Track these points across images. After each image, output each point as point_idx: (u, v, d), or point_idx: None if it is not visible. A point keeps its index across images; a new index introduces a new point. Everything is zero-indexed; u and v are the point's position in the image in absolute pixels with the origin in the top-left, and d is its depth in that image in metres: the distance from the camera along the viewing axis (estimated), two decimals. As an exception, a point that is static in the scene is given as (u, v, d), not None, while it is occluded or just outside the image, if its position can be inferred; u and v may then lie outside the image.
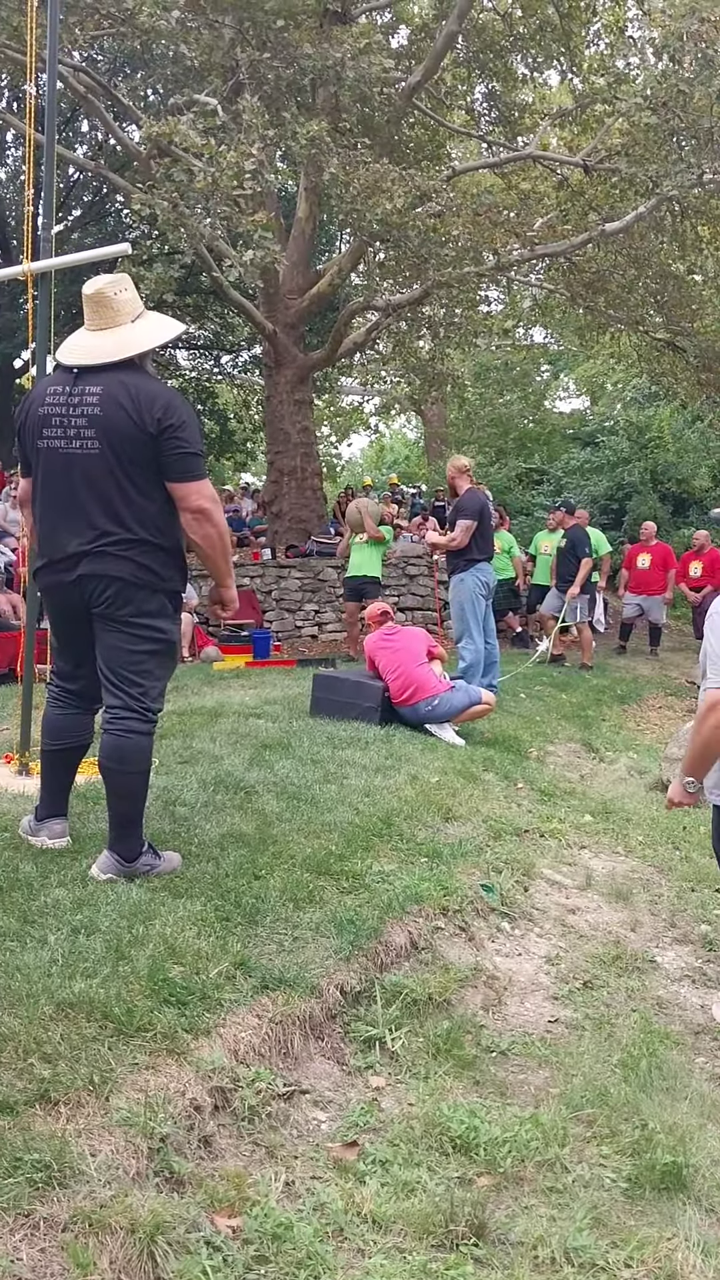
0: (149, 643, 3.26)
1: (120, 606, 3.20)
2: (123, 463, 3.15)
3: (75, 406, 3.18)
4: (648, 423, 19.46)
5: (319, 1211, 2.19)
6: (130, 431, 3.14)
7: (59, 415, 3.19)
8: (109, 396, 3.16)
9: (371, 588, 10.51)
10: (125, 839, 3.30)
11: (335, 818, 4.20)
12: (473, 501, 7.74)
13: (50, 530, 3.25)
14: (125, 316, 3.31)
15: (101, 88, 11.18)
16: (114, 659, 3.25)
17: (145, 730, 3.29)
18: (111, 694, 3.27)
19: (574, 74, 13.77)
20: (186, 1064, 2.41)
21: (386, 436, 37.25)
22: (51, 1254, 1.81)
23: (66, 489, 3.20)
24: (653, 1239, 2.15)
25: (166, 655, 3.37)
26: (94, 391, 3.17)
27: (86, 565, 3.17)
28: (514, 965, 3.63)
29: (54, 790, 3.56)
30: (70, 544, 3.19)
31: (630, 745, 7.60)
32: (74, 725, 3.50)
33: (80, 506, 3.18)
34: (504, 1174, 2.37)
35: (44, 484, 3.24)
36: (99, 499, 3.17)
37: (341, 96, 10.18)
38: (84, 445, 3.16)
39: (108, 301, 3.29)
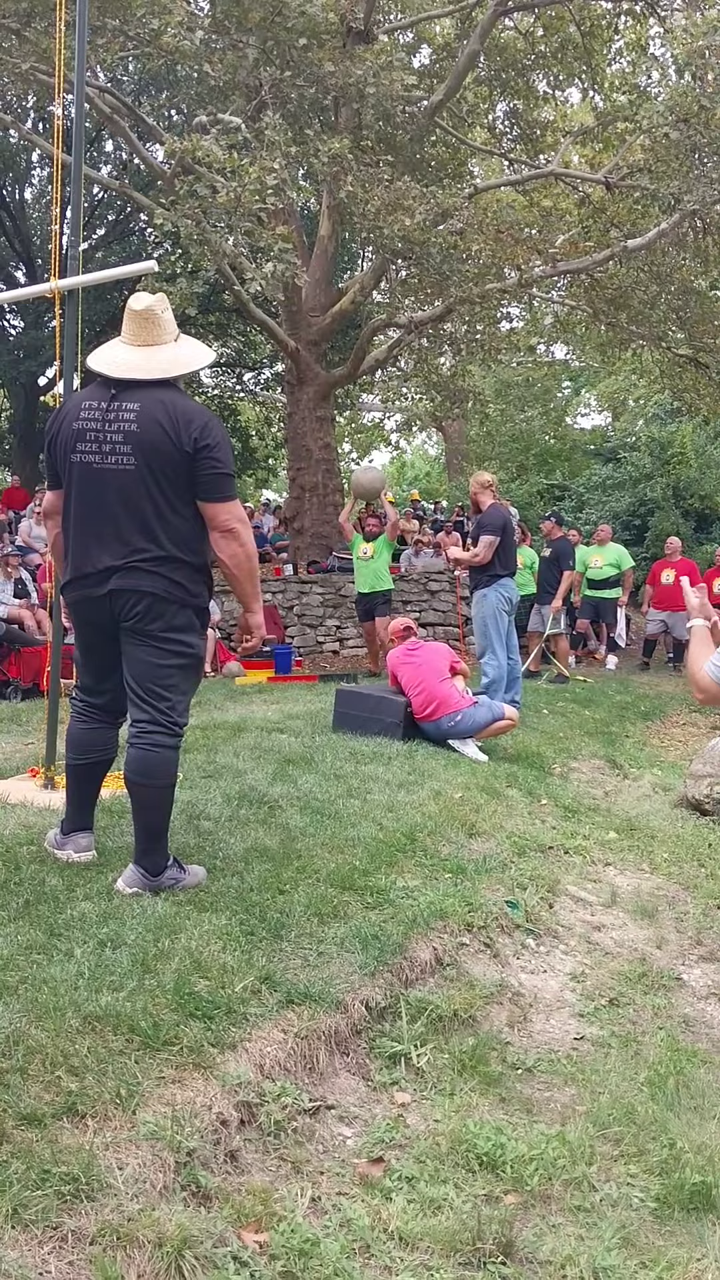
0: (177, 657, 3.28)
1: (150, 621, 3.22)
2: (158, 480, 3.18)
3: (111, 422, 3.20)
4: (670, 439, 19.41)
5: (345, 1228, 2.18)
6: (167, 449, 3.16)
7: (94, 430, 3.21)
8: (146, 414, 3.19)
9: (383, 605, 10.48)
10: (151, 853, 3.31)
11: (359, 833, 4.19)
12: (496, 517, 7.73)
13: (82, 545, 3.25)
14: (169, 335, 3.37)
15: (126, 108, 11.33)
16: (142, 673, 3.26)
17: (171, 744, 3.31)
18: (138, 708, 3.28)
19: (595, 91, 13.83)
20: (212, 1078, 2.41)
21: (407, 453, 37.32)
22: (79, 1267, 1.81)
23: (99, 504, 3.21)
24: (682, 1259, 2.13)
25: (193, 670, 3.39)
26: (131, 408, 3.20)
27: (118, 580, 3.19)
28: (539, 982, 3.61)
29: (80, 804, 3.57)
30: (102, 559, 3.20)
31: (654, 762, 7.55)
32: (99, 739, 3.51)
33: (113, 522, 3.19)
34: (531, 1192, 2.35)
35: (76, 498, 3.25)
36: (133, 515, 3.19)
37: (364, 114, 10.26)
38: (119, 461, 3.18)
39: (155, 319, 3.33)
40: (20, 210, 19.37)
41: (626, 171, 12.02)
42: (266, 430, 23.64)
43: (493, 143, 14.96)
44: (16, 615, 10.57)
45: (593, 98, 14.18)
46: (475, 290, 10.78)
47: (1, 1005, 2.47)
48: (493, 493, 8.09)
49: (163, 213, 8.76)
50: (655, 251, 12.23)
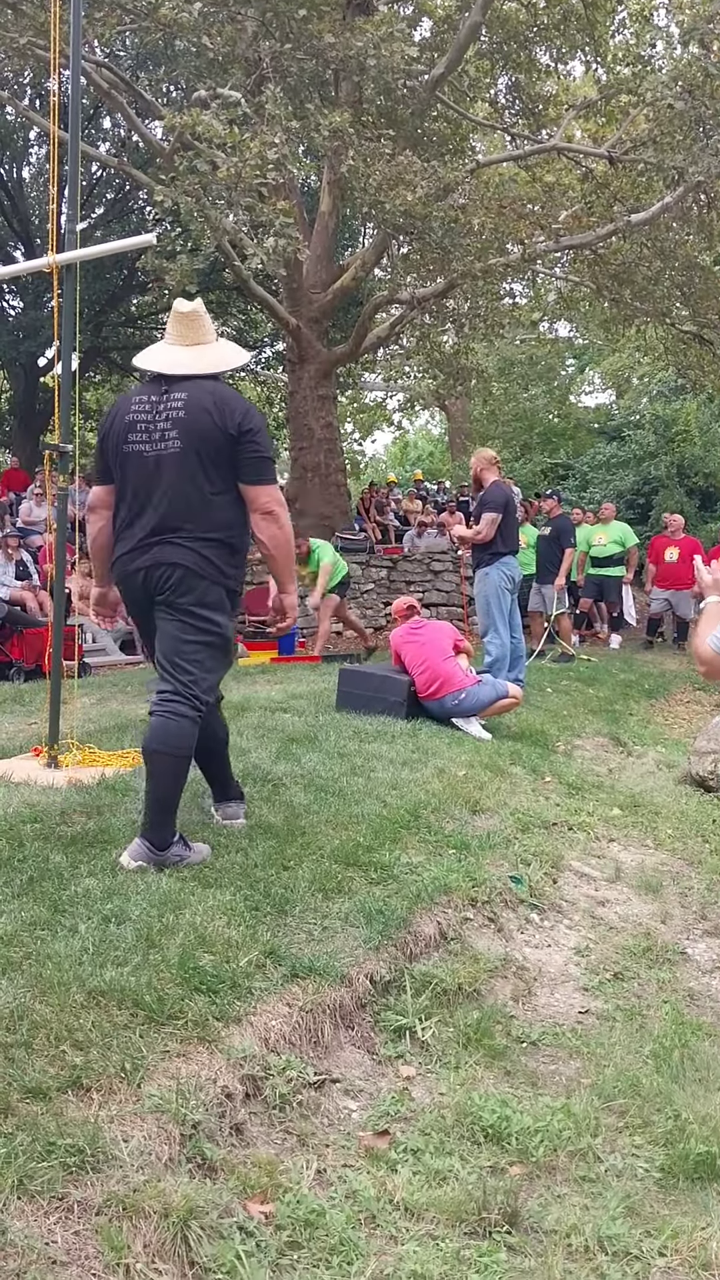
0: (205, 634, 3.39)
1: (182, 595, 3.34)
2: (202, 461, 3.35)
3: (160, 412, 3.39)
4: (674, 416, 19.32)
5: (351, 1199, 2.19)
6: (212, 433, 3.34)
7: (144, 421, 3.41)
8: (193, 401, 3.38)
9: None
10: (159, 826, 3.34)
11: (363, 810, 4.19)
12: (498, 494, 7.69)
13: (128, 526, 3.42)
14: (211, 335, 3.60)
15: (124, 83, 11.21)
16: (170, 646, 3.38)
17: (190, 716, 3.36)
18: (164, 679, 3.40)
19: (598, 64, 13.67)
20: (217, 1052, 2.41)
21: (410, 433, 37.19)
22: (85, 1237, 1.82)
23: (148, 488, 3.38)
24: (687, 1228, 2.14)
25: (221, 650, 3.49)
26: (179, 398, 3.39)
27: (154, 553, 3.34)
28: (543, 956, 3.61)
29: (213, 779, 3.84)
30: (141, 534, 3.37)
31: (658, 739, 7.55)
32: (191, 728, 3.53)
33: (159, 502, 3.36)
34: (536, 1163, 2.36)
35: (129, 485, 3.42)
36: (175, 494, 3.35)
37: (364, 88, 10.15)
38: (167, 445, 3.36)
39: (200, 320, 3.56)
40: (19, 189, 19.22)
41: (630, 145, 11.90)
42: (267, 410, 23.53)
43: (494, 117, 14.80)
44: (19, 597, 10.57)
45: (596, 70, 14.01)
46: (478, 266, 10.69)
47: (6, 981, 2.47)
48: (496, 469, 8.03)
49: (162, 189, 8.68)
50: (659, 226, 12.13)
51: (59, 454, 4.48)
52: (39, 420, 20.35)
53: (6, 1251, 1.71)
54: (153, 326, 22.98)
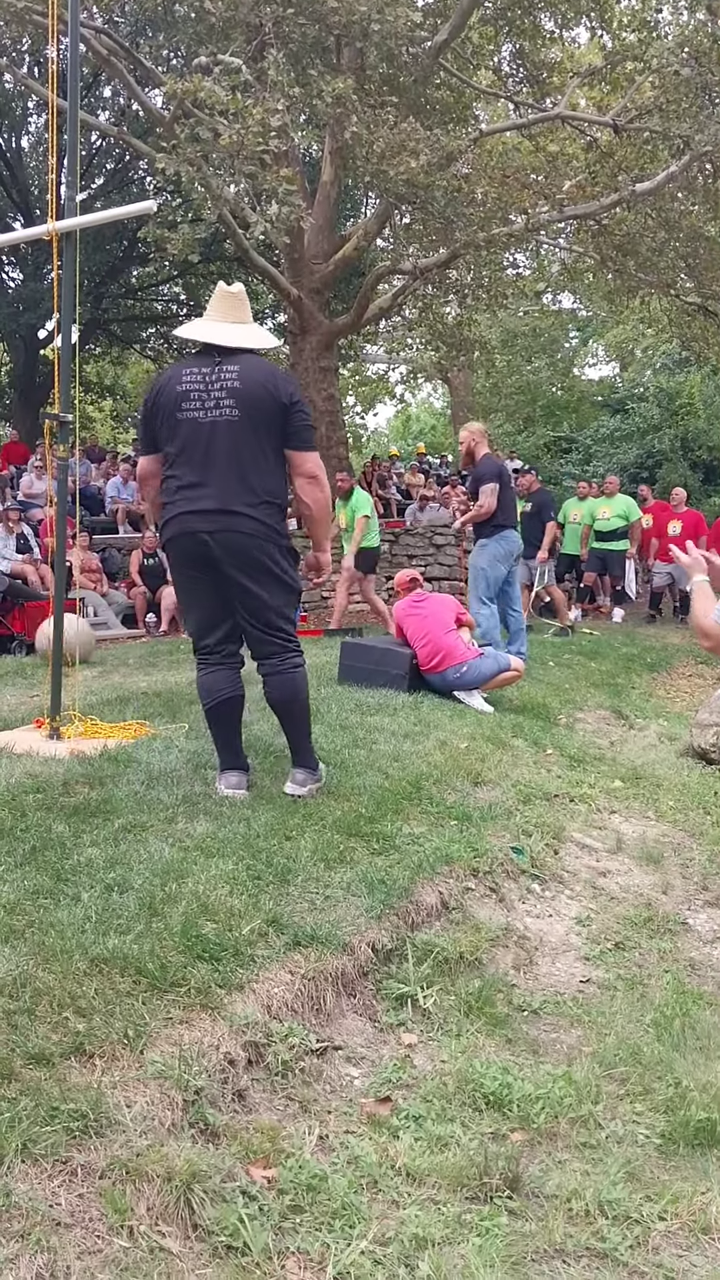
0: (285, 590, 3.71)
1: (258, 560, 3.60)
2: (257, 430, 3.57)
3: (214, 383, 3.57)
4: (678, 389, 19.24)
5: (353, 1164, 2.20)
6: (266, 402, 3.57)
7: (197, 390, 3.57)
8: (247, 373, 3.60)
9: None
10: (307, 753, 3.90)
11: (364, 781, 4.19)
12: (492, 466, 7.65)
13: (191, 488, 3.57)
14: (250, 316, 3.84)
15: (123, 50, 11.06)
16: (257, 609, 3.67)
17: (303, 663, 3.83)
18: (265, 642, 3.72)
19: (604, 30, 13.47)
20: (220, 1019, 2.42)
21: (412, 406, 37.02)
22: (89, 1199, 1.83)
23: (205, 454, 3.56)
24: (687, 1193, 2.15)
25: (295, 597, 3.82)
26: (232, 369, 3.60)
27: (223, 521, 3.54)
28: (545, 926, 3.62)
29: (224, 745, 3.89)
30: (210, 502, 3.54)
31: (660, 712, 7.55)
32: (223, 680, 3.81)
33: (221, 468, 3.55)
34: (537, 1130, 2.37)
35: (185, 450, 3.59)
36: (237, 462, 3.56)
37: (367, 54, 10.01)
38: (224, 414, 3.55)
39: (244, 301, 3.79)
40: (17, 159, 19.03)
41: (635, 113, 11.76)
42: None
43: (498, 85, 14.62)
44: (20, 570, 10.56)
45: (601, 36, 13.82)
46: (481, 236, 10.59)
47: (9, 949, 2.48)
48: (487, 442, 7.99)
49: (164, 157, 8.57)
50: (664, 196, 12.00)
51: (59, 424, 4.45)
52: (39, 393, 20.24)
53: (11, 1213, 1.72)
54: (153, 298, 22.84)
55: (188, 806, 3.64)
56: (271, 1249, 1.91)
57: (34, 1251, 1.68)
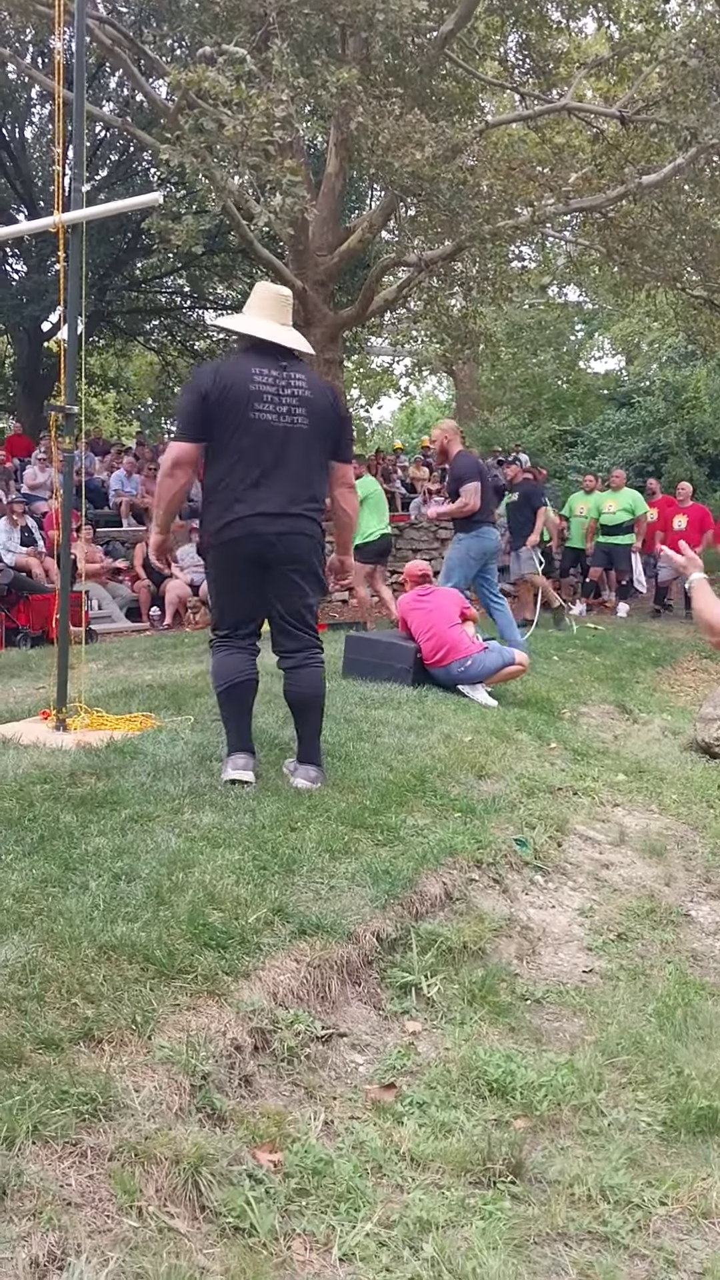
0: (320, 589, 3.96)
1: (307, 561, 3.81)
2: (320, 440, 3.80)
3: (285, 387, 3.72)
4: (684, 383, 19.20)
5: (358, 1149, 2.23)
6: (329, 414, 3.82)
7: (270, 393, 3.69)
8: (314, 384, 3.82)
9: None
10: (318, 751, 4.04)
11: (369, 774, 4.22)
12: (469, 462, 7.72)
13: (256, 489, 3.69)
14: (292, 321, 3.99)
15: (127, 40, 11.05)
16: (296, 605, 3.86)
17: (324, 658, 4.03)
18: (294, 637, 3.89)
19: (611, 20, 13.42)
20: (227, 1005, 2.45)
21: (417, 399, 36.98)
22: (99, 1181, 1.86)
23: (277, 458, 3.71)
24: (688, 1179, 2.18)
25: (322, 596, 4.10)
26: (300, 378, 3.78)
27: (291, 524, 3.73)
28: (548, 917, 3.65)
29: (235, 728, 3.95)
30: (280, 504, 3.70)
31: (664, 707, 7.56)
32: (244, 662, 3.92)
33: (289, 473, 3.72)
34: (540, 1117, 2.40)
35: (253, 450, 3.69)
36: (303, 468, 3.76)
37: (373, 44, 9.99)
38: (295, 421, 3.72)
39: (290, 306, 3.96)
40: (21, 150, 19.00)
41: (642, 105, 11.71)
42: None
43: (504, 76, 14.57)
44: (24, 563, 10.59)
45: (608, 27, 13.77)
46: (486, 228, 10.57)
47: (19, 936, 2.51)
48: (460, 439, 8.03)
49: (168, 148, 8.57)
50: (670, 189, 11.96)
51: (65, 416, 4.47)
52: (43, 385, 20.23)
53: (23, 1192, 1.76)
54: (157, 290, 22.81)
55: (194, 797, 3.67)
56: (278, 1230, 1.94)
57: (45, 1230, 1.71)
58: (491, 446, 20.22)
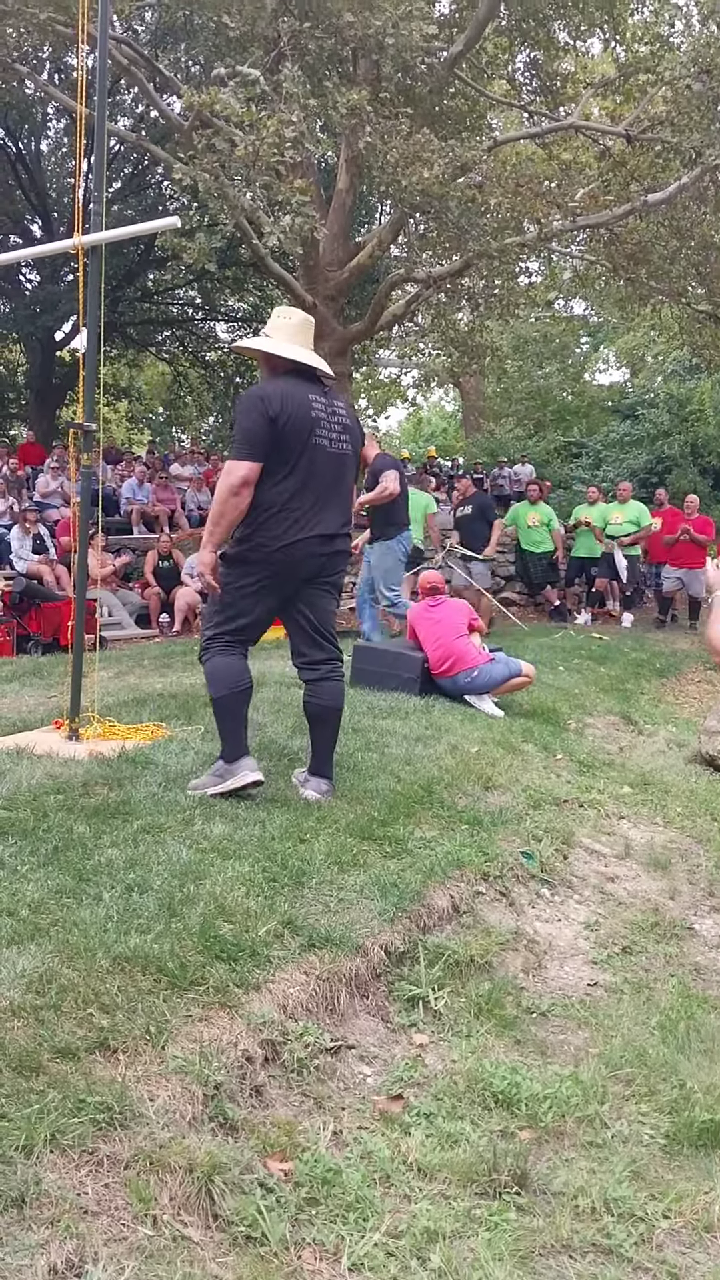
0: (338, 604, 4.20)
1: (340, 577, 4.07)
2: (353, 463, 4.02)
3: (332, 415, 3.92)
4: (689, 395, 19.27)
5: (366, 1159, 2.27)
6: (359, 441, 4.08)
7: (324, 419, 3.89)
8: (348, 412, 4.03)
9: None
10: (331, 764, 4.14)
11: (377, 785, 4.26)
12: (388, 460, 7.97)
13: (317, 512, 3.87)
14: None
15: (143, 59, 11.17)
16: (325, 619, 4.05)
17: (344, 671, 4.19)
18: (321, 648, 4.04)
19: (617, 42, 13.54)
20: (238, 1017, 2.49)
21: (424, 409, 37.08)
22: (115, 1189, 1.90)
23: (330, 481, 3.91)
24: (691, 1192, 2.21)
25: None
26: (340, 405, 4.00)
27: (340, 544, 3.97)
28: (553, 930, 3.69)
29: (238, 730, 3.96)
30: (333, 524, 3.91)
31: (669, 718, 7.60)
32: (244, 668, 3.97)
33: (340, 495, 3.95)
34: (545, 1128, 2.43)
35: (312, 474, 3.85)
36: (347, 490, 3.99)
37: (383, 66, 10.09)
38: (341, 447, 3.94)
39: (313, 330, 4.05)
40: (36, 163, 19.17)
41: (647, 124, 11.81)
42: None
43: (512, 95, 14.68)
44: (36, 570, 10.66)
45: (614, 48, 13.88)
46: (494, 244, 10.65)
47: (34, 946, 2.56)
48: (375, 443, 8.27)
49: (181, 167, 8.68)
50: (675, 206, 12.05)
51: (83, 433, 4.53)
52: (55, 395, 20.37)
53: (42, 1201, 1.80)
54: (169, 303, 22.96)
55: (204, 808, 3.72)
56: (288, 1239, 1.98)
57: (63, 1238, 1.75)
58: (497, 457, 20.30)
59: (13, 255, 5.59)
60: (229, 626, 3.94)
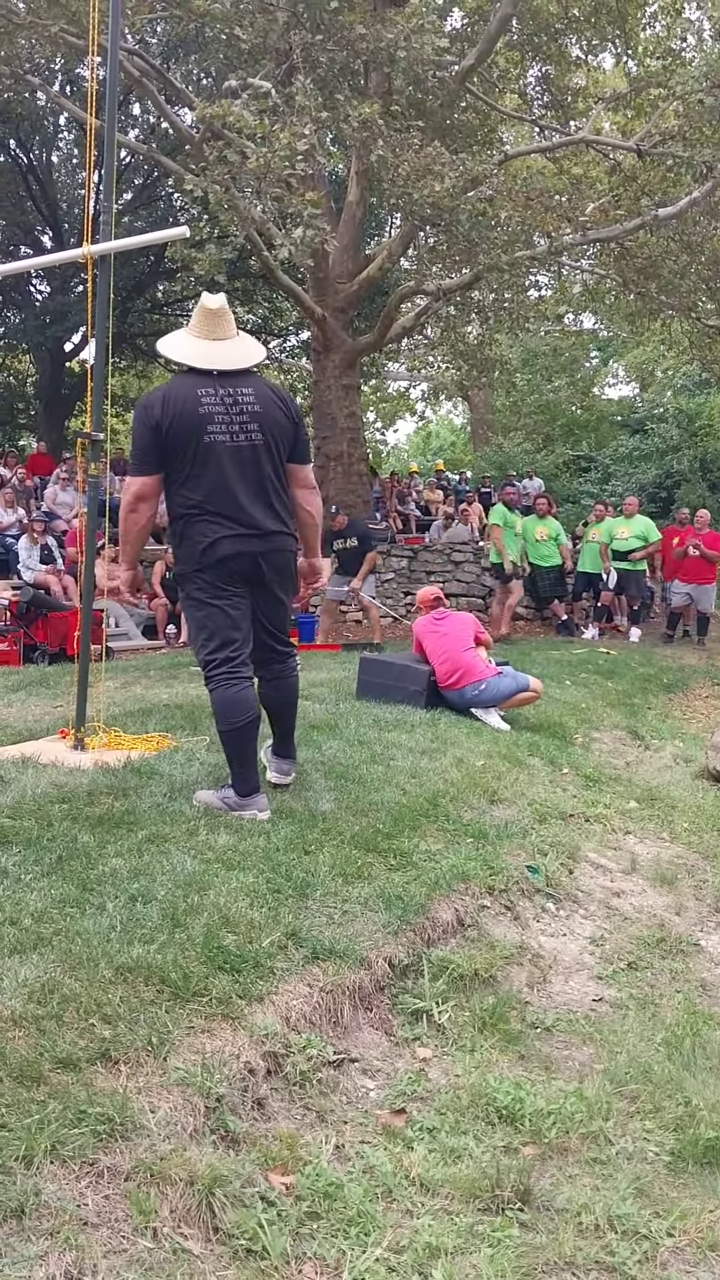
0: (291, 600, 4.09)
1: (288, 574, 3.93)
2: (275, 450, 3.79)
3: (234, 406, 3.71)
4: (698, 410, 19.28)
5: (368, 1174, 2.25)
6: (283, 423, 3.81)
7: (220, 413, 3.69)
8: (261, 394, 3.78)
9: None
10: (292, 744, 4.23)
11: (382, 797, 4.25)
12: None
13: (238, 512, 3.71)
14: (234, 328, 3.89)
15: (155, 71, 11.25)
16: (280, 618, 3.99)
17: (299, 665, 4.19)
18: (277, 648, 4.00)
19: (629, 57, 13.62)
20: (240, 1029, 2.48)
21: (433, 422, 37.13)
22: (115, 1201, 1.89)
23: (240, 478, 3.72)
24: (695, 1210, 2.19)
25: None
26: (247, 392, 3.75)
27: (274, 541, 3.79)
28: (559, 945, 3.67)
29: (249, 763, 3.86)
30: (259, 523, 3.74)
31: (676, 733, 7.58)
32: (250, 698, 3.84)
33: (255, 492, 3.74)
34: (549, 1144, 2.42)
35: (216, 474, 3.69)
36: (269, 484, 3.77)
37: (394, 79, 10.15)
38: (249, 437, 3.72)
39: (228, 315, 3.85)
40: (47, 174, 19.29)
41: (658, 139, 11.86)
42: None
43: (523, 109, 14.77)
44: (43, 580, 10.69)
45: (626, 63, 13.97)
46: (504, 258, 10.69)
47: (37, 956, 2.55)
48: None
49: (192, 179, 8.74)
50: (686, 221, 12.09)
51: (91, 442, 4.55)
52: (64, 405, 20.45)
53: (41, 1211, 1.79)
54: (179, 313, 23.06)
55: (209, 819, 3.71)
56: (290, 1254, 1.97)
57: (62, 1249, 1.74)
58: (506, 471, 20.33)
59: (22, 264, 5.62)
60: (214, 644, 3.79)
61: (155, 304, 21.97)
